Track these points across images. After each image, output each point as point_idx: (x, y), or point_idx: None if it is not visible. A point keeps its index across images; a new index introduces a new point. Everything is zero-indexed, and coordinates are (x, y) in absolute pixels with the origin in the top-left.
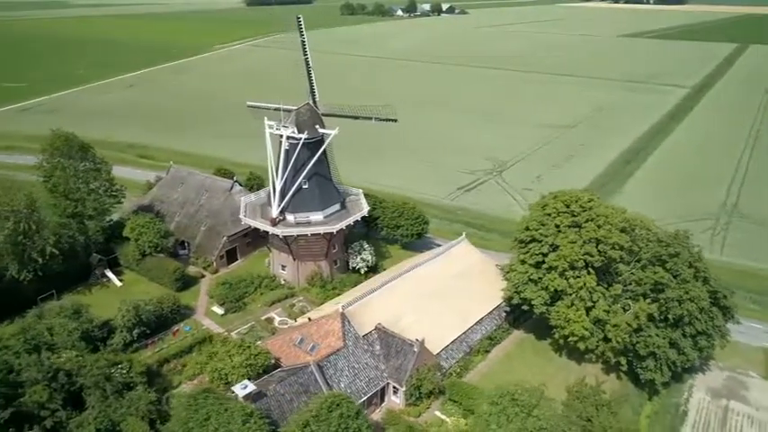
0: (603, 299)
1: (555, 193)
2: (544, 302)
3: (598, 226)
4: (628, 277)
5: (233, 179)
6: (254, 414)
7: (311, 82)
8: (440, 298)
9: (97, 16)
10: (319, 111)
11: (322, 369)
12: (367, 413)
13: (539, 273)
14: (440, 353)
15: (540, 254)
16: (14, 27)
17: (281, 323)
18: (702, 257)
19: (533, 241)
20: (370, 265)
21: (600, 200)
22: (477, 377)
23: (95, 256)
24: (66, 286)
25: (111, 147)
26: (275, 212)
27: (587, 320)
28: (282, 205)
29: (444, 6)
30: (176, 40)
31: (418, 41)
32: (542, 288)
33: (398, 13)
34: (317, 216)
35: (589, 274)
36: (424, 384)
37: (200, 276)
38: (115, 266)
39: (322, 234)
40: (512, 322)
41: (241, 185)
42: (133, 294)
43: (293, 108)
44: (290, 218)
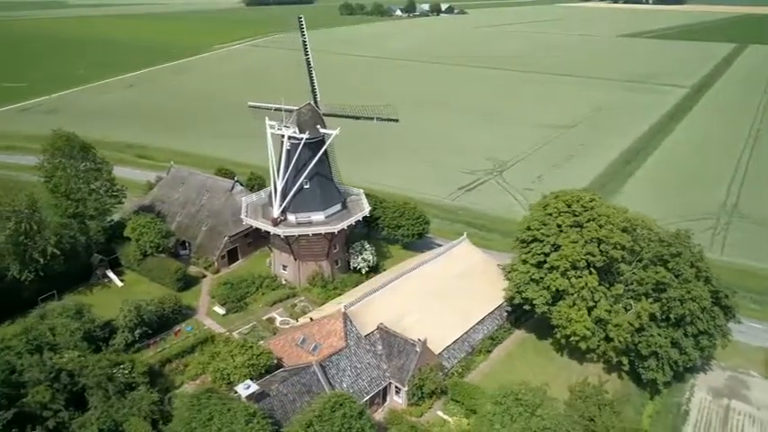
0: (605, 298)
1: (556, 193)
2: (546, 302)
3: (600, 226)
4: (629, 277)
5: (234, 179)
6: (258, 414)
7: (312, 82)
8: (441, 298)
9: (97, 16)
10: (320, 111)
11: (324, 369)
12: (369, 413)
13: (540, 272)
14: (442, 353)
15: (542, 254)
16: (14, 27)
17: (282, 323)
18: (704, 257)
19: (535, 241)
20: (372, 265)
21: (601, 200)
22: (479, 377)
23: (96, 256)
24: (68, 286)
25: (110, 147)
26: (276, 212)
27: (589, 320)
28: (284, 205)
29: (443, 6)
30: (176, 40)
31: (417, 41)
32: (544, 288)
33: (397, 13)
34: (318, 216)
35: (591, 273)
36: (426, 384)
37: (202, 276)
38: (116, 267)
39: (323, 234)
40: (513, 322)
41: (242, 185)
42: (134, 294)
43: (294, 108)
44: (291, 218)
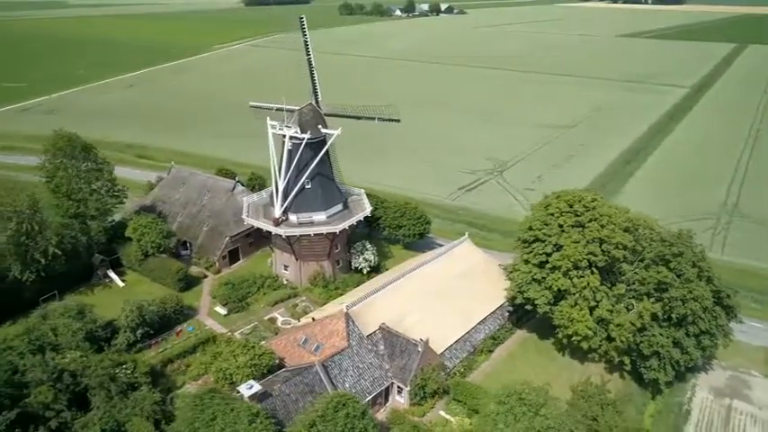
0: (607, 298)
1: (558, 193)
2: (547, 302)
3: (601, 226)
4: (631, 277)
5: (235, 179)
6: (261, 414)
7: (314, 82)
8: (443, 298)
9: (97, 16)
10: (322, 111)
11: (327, 369)
12: (372, 413)
13: (542, 272)
14: (444, 352)
15: (544, 253)
16: (14, 27)
17: (284, 323)
18: (706, 257)
19: (537, 241)
20: (373, 265)
21: (603, 199)
22: (481, 377)
23: (98, 256)
24: (69, 287)
25: (110, 147)
26: (278, 212)
27: (591, 320)
28: (285, 205)
29: (443, 6)
30: (176, 40)
31: (417, 41)
32: (546, 288)
33: (397, 13)
34: (319, 216)
35: (593, 273)
36: (428, 384)
37: (203, 277)
38: (117, 267)
39: (325, 234)
40: (515, 322)
41: (243, 186)
42: (136, 295)
43: (296, 108)
44: (292, 218)
